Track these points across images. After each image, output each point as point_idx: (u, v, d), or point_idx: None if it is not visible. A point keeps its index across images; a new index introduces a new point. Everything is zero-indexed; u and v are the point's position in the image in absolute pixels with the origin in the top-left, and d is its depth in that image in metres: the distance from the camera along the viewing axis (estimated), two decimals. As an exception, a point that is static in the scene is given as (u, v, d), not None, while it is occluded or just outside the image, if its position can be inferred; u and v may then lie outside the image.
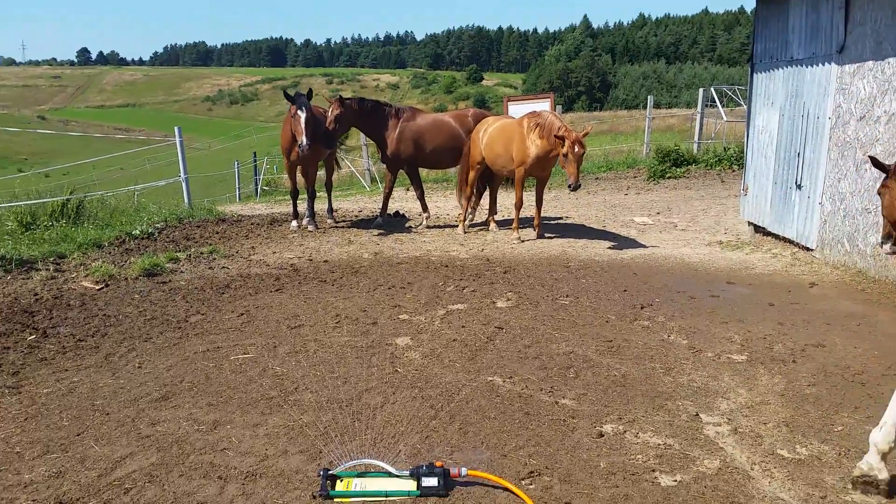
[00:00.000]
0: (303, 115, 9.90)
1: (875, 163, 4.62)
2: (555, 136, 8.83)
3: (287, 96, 10.32)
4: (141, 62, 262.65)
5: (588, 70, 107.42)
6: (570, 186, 8.69)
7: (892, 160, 6.83)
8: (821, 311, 6.47)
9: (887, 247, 4.62)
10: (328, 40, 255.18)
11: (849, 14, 7.27)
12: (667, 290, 7.30)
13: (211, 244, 9.65)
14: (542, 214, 10.43)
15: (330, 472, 3.46)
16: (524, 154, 9.57)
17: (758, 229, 9.77)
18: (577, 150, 8.62)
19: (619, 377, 4.96)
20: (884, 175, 4.54)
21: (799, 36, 8.27)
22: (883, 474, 3.47)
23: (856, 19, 7.19)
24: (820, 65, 7.79)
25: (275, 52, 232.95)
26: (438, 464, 3.47)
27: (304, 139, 9.82)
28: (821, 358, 5.31)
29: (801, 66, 8.16)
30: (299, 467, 3.71)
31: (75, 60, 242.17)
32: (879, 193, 4.62)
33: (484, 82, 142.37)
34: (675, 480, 3.61)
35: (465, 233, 10.68)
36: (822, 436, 4.09)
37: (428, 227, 11.23)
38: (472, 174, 10.68)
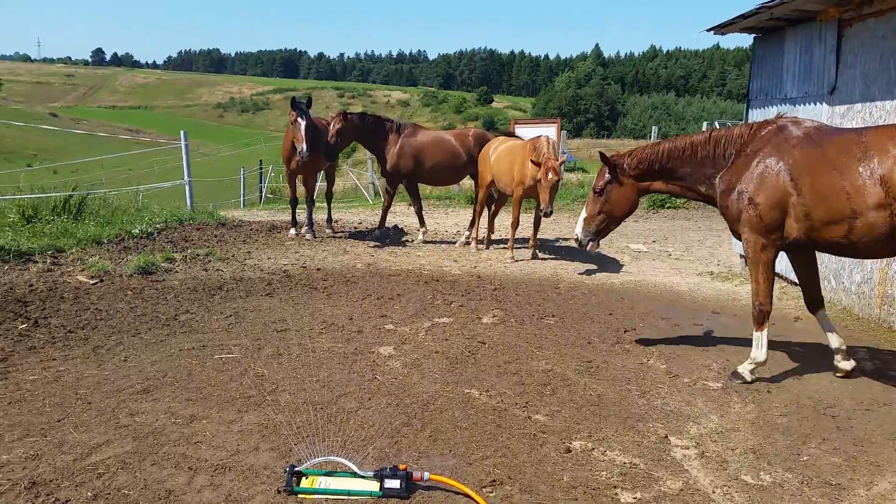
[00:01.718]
0: (303, 123, 10.07)
1: (603, 158, 5.64)
2: (531, 161, 9.01)
3: (293, 102, 10.53)
4: (155, 65, 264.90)
5: (597, 98, 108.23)
6: (542, 212, 8.88)
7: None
8: (802, 344, 6.55)
9: (593, 243, 5.87)
10: (341, 55, 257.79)
11: (840, 57, 7.43)
12: (651, 316, 7.39)
13: (208, 247, 9.78)
14: (540, 236, 10.56)
15: (296, 469, 3.54)
16: (523, 175, 9.71)
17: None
18: (549, 177, 8.86)
19: (594, 397, 5.04)
20: (608, 171, 5.75)
21: (793, 75, 8.43)
22: None
23: (846, 62, 7.35)
24: (812, 104, 7.94)
25: (288, 64, 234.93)
26: (402, 467, 3.56)
27: (303, 146, 9.99)
28: (795, 389, 5.39)
29: (795, 104, 8.31)
30: (268, 463, 3.80)
31: (89, 60, 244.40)
32: (601, 190, 5.79)
33: (494, 104, 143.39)
34: (636, 498, 3.68)
35: (478, 249, 10.83)
36: (788, 464, 4.16)
37: (424, 241, 11.36)
38: (481, 193, 10.84)
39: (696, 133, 5.74)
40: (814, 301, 5.70)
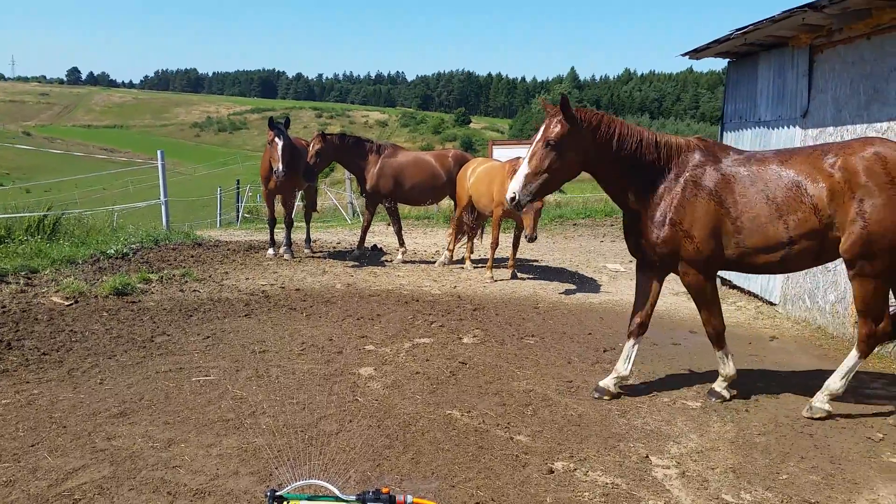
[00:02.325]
0: (279, 143, 10.08)
1: (565, 103, 4.99)
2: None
3: (271, 122, 10.54)
4: (131, 85, 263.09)
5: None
6: (527, 238, 8.91)
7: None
8: (778, 363, 6.62)
9: (529, 206, 5.49)
10: (320, 75, 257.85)
11: (812, 82, 7.62)
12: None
13: (184, 267, 9.69)
14: (518, 256, 10.60)
15: (277, 493, 3.48)
16: (502, 196, 9.76)
17: (724, 282, 9.98)
18: (533, 203, 8.87)
19: (575, 416, 5.05)
20: (567, 120, 4.98)
21: (766, 99, 8.61)
22: None
23: (818, 87, 7.53)
24: (785, 127, 8.11)
25: (266, 84, 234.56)
26: (385, 490, 3.50)
27: (279, 166, 9.99)
28: (773, 408, 5.44)
29: (768, 127, 8.48)
30: (248, 488, 3.75)
31: (65, 79, 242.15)
32: (556, 143, 4.99)
33: (472, 125, 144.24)
34: (619, 518, 3.69)
35: (450, 262, 10.88)
36: (767, 483, 4.19)
37: (403, 261, 11.36)
38: (458, 211, 10.90)
39: (645, 129, 5.30)
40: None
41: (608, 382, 5.51)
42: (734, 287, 9.68)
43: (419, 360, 6.22)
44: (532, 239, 8.91)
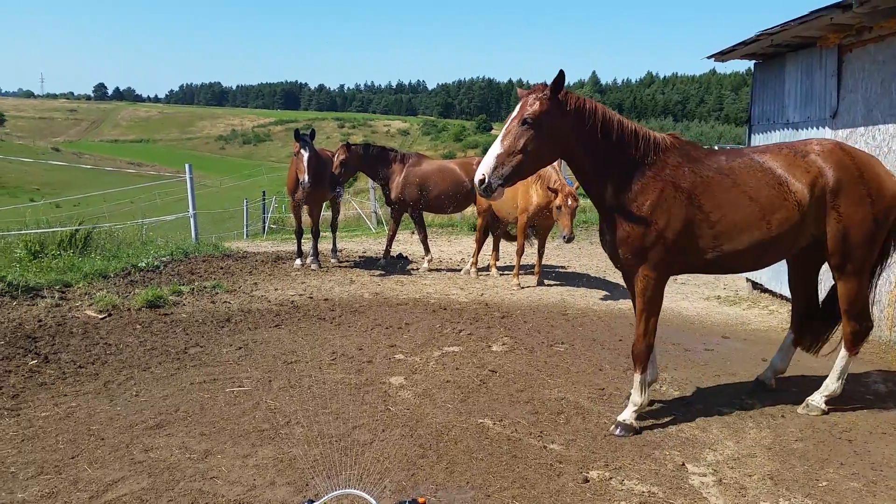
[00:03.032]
0: (305, 155, 10.22)
1: (559, 80, 4.59)
2: (548, 187, 9.04)
3: (296, 134, 10.69)
4: (156, 99, 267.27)
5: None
6: (564, 238, 8.82)
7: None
8: (812, 368, 6.52)
9: (500, 190, 4.61)
10: (342, 86, 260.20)
11: (841, 81, 7.52)
12: (661, 342, 7.34)
13: (214, 279, 9.79)
14: (544, 263, 10.57)
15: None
16: (527, 202, 9.77)
17: (756, 286, 9.87)
18: (570, 203, 8.82)
19: (608, 424, 5.01)
20: (548, 98, 4.59)
21: (794, 100, 8.51)
22: None
23: (847, 87, 7.43)
24: (814, 128, 8.01)
25: (288, 96, 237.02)
26: (421, 500, 3.52)
27: (305, 177, 10.13)
28: (810, 414, 5.35)
29: (797, 129, 8.38)
30: (285, 498, 3.78)
31: (92, 95, 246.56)
32: (534, 121, 4.54)
33: (493, 132, 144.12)
34: (657, 527, 3.65)
35: (476, 275, 10.86)
36: (806, 490, 4.12)
37: (429, 270, 11.38)
38: (480, 220, 10.92)
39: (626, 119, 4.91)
40: None
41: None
42: (765, 291, 9.56)
43: (449, 368, 6.23)
44: (570, 239, 8.80)
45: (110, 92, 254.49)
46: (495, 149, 4.56)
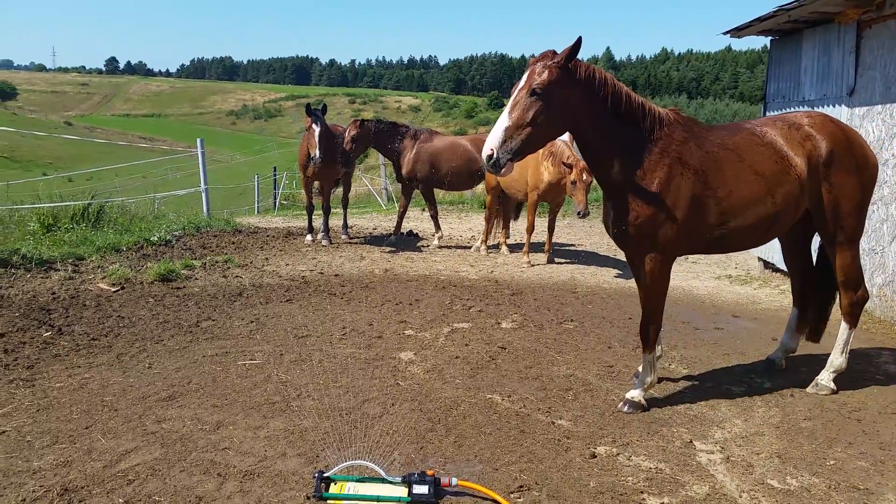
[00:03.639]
0: (317, 130, 10.20)
1: (575, 48, 4.42)
2: (563, 163, 8.98)
3: (308, 109, 10.66)
4: (168, 74, 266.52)
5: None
6: (578, 213, 8.76)
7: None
8: (824, 348, 6.49)
9: (510, 165, 4.35)
10: (353, 61, 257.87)
11: (859, 58, 7.40)
12: (672, 321, 7.35)
13: (226, 254, 9.84)
14: (555, 241, 10.55)
15: (325, 475, 3.56)
16: (537, 180, 9.73)
17: (767, 265, 9.82)
18: (584, 177, 8.76)
19: (616, 401, 5.03)
20: (559, 66, 4.34)
21: (811, 77, 8.40)
22: None
23: (866, 63, 7.31)
24: (831, 106, 7.90)
25: (300, 71, 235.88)
26: (430, 473, 3.57)
27: (316, 152, 10.15)
28: (820, 393, 5.35)
29: (813, 106, 8.27)
30: (296, 469, 3.83)
31: (103, 69, 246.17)
32: (543, 91, 4.28)
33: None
34: (663, 503, 3.68)
35: (487, 253, 10.85)
36: (814, 469, 4.13)
37: (439, 246, 11.39)
38: (489, 198, 10.89)
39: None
40: None
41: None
42: (777, 270, 9.51)
43: (458, 344, 6.25)
44: (584, 214, 8.73)
45: (122, 66, 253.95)
46: (503, 121, 4.30)
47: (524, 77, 4.40)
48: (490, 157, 4.27)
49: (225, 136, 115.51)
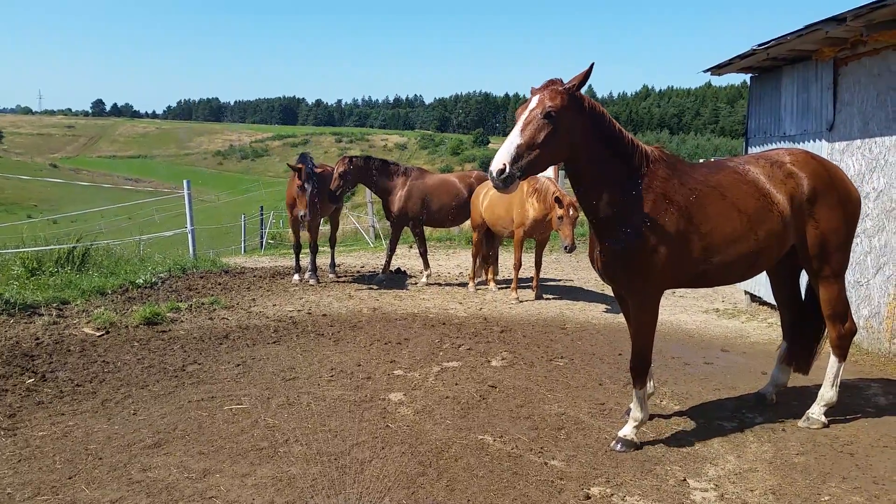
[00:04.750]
0: (308, 190, 10.26)
1: (585, 78, 4.43)
2: (554, 198, 9.03)
3: (291, 167, 10.71)
4: (154, 115, 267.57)
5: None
6: (565, 248, 8.81)
7: (879, 237, 7.00)
8: (813, 380, 6.49)
9: (514, 185, 4.28)
10: (339, 101, 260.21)
11: (837, 95, 7.55)
12: (661, 356, 7.35)
13: (212, 295, 9.77)
14: (543, 276, 10.56)
15: (315, 523, 3.49)
16: (523, 216, 9.78)
17: (754, 298, 9.87)
18: (571, 213, 8.84)
19: (609, 440, 4.98)
20: (566, 94, 4.34)
21: (791, 113, 8.55)
22: None
23: (844, 100, 7.46)
24: (811, 141, 8.03)
25: (286, 111, 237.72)
26: (423, 518, 3.51)
27: (305, 211, 10.22)
28: (811, 427, 5.34)
29: (793, 142, 8.40)
30: (285, 518, 3.75)
31: (90, 111, 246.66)
32: (556, 115, 4.29)
33: (490, 145, 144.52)
34: (659, 544, 3.62)
35: (475, 290, 10.85)
36: (809, 505, 4.10)
37: (428, 284, 11.37)
38: (475, 235, 10.92)
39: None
40: None
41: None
42: (764, 303, 9.55)
43: (448, 384, 6.20)
44: (571, 249, 8.78)
45: (108, 108, 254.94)
46: (516, 139, 4.26)
47: (535, 99, 4.38)
48: (502, 171, 4.20)
49: (212, 177, 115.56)
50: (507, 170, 4.20)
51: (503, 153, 4.24)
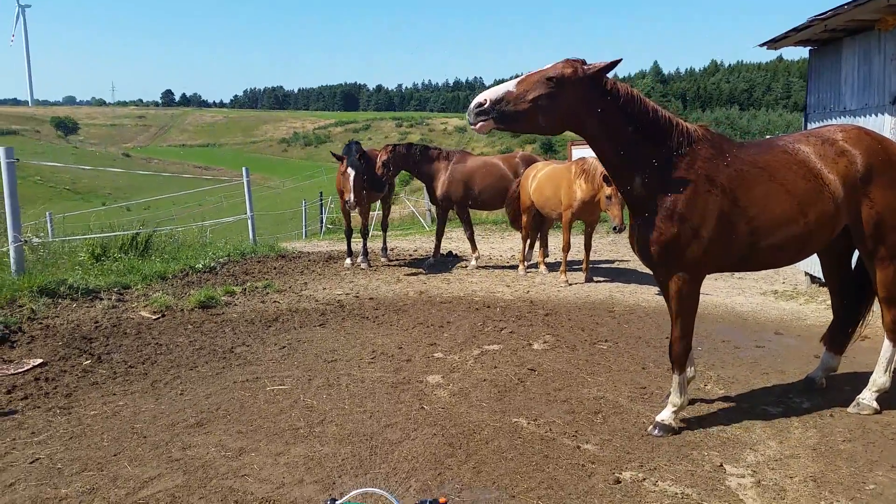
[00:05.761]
0: (352, 174, 10.36)
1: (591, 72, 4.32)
2: (603, 177, 8.86)
3: (335, 155, 10.85)
4: (221, 104, 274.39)
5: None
6: (614, 229, 8.65)
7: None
8: (868, 365, 6.22)
9: (486, 123, 4.26)
10: (399, 85, 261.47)
11: (901, 64, 7.15)
12: (711, 339, 7.18)
13: (267, 279, 10.01)
14: (597, 258, 10.41)
15: (336, 502, 3.54)
16: (571, 198, 9.65)
17: (814, 280, 9.50)
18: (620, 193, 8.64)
19: (647, 424, 4.90)
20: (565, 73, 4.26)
21: (852, 87, 8.14)
22: None
23: (909, 69, 7.06)
24: (873, 115, 7.64)
25: (348, 97, 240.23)
26: (442, 500, 3.51)
27: (350, 196, 10.32)
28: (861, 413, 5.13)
29: (854, 116, 8.01)
30: (311, 496, 3.83)
31: (160, 101, 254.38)
32: (557, 80, 4.23)
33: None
34: (686, 530, 3.55)
35: (526, 273, 10.79)
36: (851, 493, 3.95)
37: (477, 267, 11.36)
38: (524, 218, 10.84)
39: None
40: None
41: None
42: (824, 285, 9.18)
43: (487, 367, 6.20)
44: (620, 230, 8.59)
45: (177, 98, 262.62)
46: (510, 85, 4.29)
47: (549, 64, 4.36)
48: (481, 104, 4.24)
49: (277, 164, 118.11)
50: (487, 105, 4.23)
51: (490, 91, 4.26)
